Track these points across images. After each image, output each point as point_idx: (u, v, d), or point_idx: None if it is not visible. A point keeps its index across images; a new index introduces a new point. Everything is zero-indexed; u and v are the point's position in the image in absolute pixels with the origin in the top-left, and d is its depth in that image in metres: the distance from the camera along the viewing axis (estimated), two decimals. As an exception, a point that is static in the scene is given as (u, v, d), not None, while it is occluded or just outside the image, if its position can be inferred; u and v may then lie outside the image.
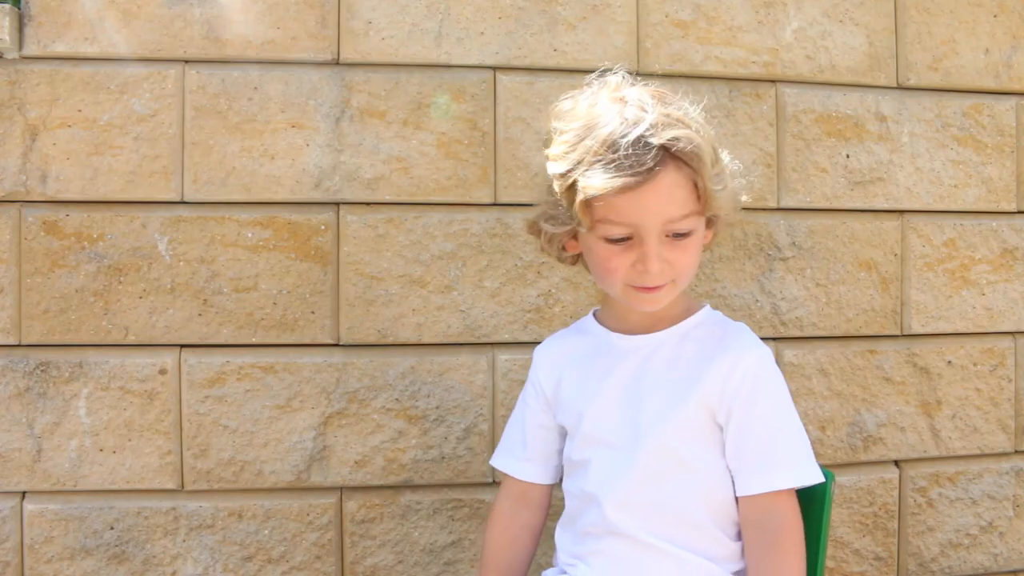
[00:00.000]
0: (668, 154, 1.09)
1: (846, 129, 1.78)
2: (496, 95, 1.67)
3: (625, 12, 1.69)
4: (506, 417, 1.67)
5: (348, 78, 1.63)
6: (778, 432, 1.15)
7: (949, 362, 1.83)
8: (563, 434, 1.31)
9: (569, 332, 1.35)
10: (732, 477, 1.16)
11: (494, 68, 1.67)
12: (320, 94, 1.62)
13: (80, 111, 1.58)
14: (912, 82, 1.81)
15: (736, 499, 1.17)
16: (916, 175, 1.81)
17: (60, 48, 1.57)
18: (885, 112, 1.79)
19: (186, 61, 1.60)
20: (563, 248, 1.24)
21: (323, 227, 1.63)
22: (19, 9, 1.56)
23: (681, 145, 1.09)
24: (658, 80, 1.24)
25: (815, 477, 1.14)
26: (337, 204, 1.63)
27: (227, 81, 1.60)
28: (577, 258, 1.26)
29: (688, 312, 1.24)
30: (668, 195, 1.10)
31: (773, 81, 1.75)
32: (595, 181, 1.08)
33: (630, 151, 1.07)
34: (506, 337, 1.68)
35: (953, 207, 1.82)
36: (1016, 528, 1.87)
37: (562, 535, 1.28)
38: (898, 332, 1.80)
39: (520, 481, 1.33)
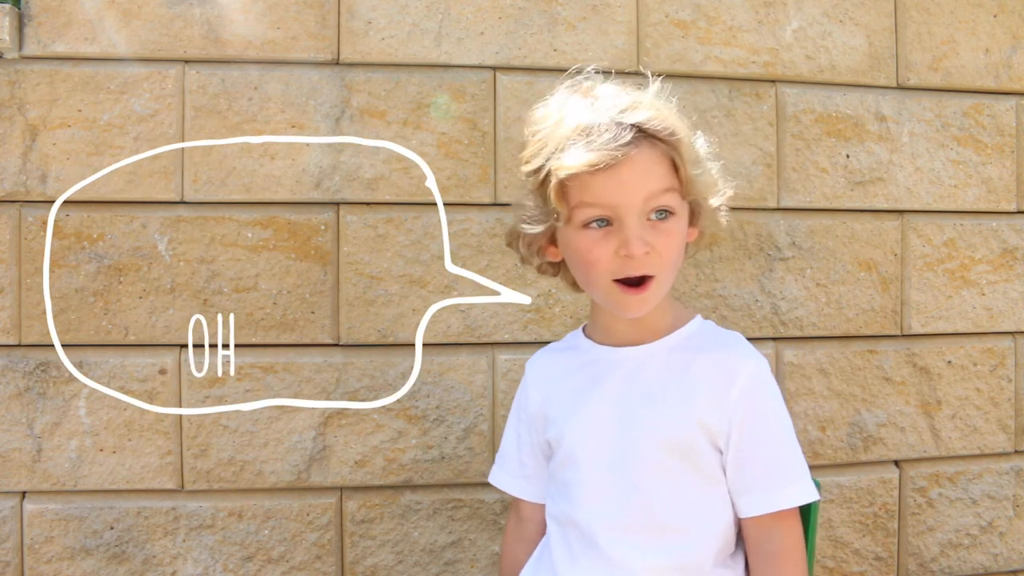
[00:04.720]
0: (643, 132, 1.07)
1: (846, 129, 1.78)
2: (496, 95, 1.67)
3: (625, 12, 1.69)
4: (506, 417, 1.67)
5: (348, 78, 1.63)
6: (781, 448, 1.11)
7: (949, 362, 1.83)
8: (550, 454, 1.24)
9: (561, 346, 1.29)
10: (733, 498, 1.11)
11: (494, 68, 1.67)
12: (320, 94, 1.62)
13: (80, 111, 1.58)
14: (912, 82, 1.81)
15: (736, 519, 1.12)
16: (916, 175, 1.81)
17: (60, 48, 1.57)
18: (885, 112, 1.79)
19: (186, 61, 1.60)
20: (544, 254, 1.19)
21: (323, 227, 1.63)
22: (19, 9, 1.56)
23: (655, 124, 1.07)
24: (658, 80, 1.23)
25: (815, 493, 1.11)
26: (337, 204, 1.63)
27: (227, 81, 1.60)
28: (559, 267, 1.21)
29: (678, 322, 1.17)
30: (645, 170, 1.06)
31: (773, 81, 1.75)
32: (568, 160, 1.05)
33: (604, 132, 1.05)
34: (506, 337, 1.68)
35: (953, 207, 1.82)
36: (1016, 528, 1.87)
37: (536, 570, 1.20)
38: (898, 332, 1.80)
39: (516, 497, 1.31)
